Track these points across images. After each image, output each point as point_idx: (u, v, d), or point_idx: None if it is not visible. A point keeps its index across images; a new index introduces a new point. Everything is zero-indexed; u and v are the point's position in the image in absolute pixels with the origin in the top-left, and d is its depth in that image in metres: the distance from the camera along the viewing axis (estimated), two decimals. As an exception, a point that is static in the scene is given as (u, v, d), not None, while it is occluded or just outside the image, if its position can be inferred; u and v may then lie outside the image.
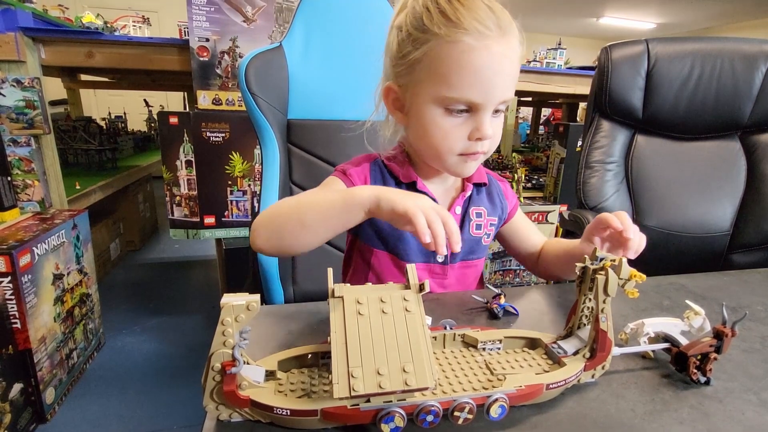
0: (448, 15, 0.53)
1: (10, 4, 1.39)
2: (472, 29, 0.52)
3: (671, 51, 1.19)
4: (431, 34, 0.54)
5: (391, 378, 0.32)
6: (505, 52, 0.54)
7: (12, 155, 1.41)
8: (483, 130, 0.56)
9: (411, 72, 0.58)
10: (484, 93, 0.54)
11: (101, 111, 3.86)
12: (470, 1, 0.53)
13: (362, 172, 0.65)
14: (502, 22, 0.54)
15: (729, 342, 0.45)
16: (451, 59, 0.53)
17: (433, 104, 0.56)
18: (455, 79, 0.53)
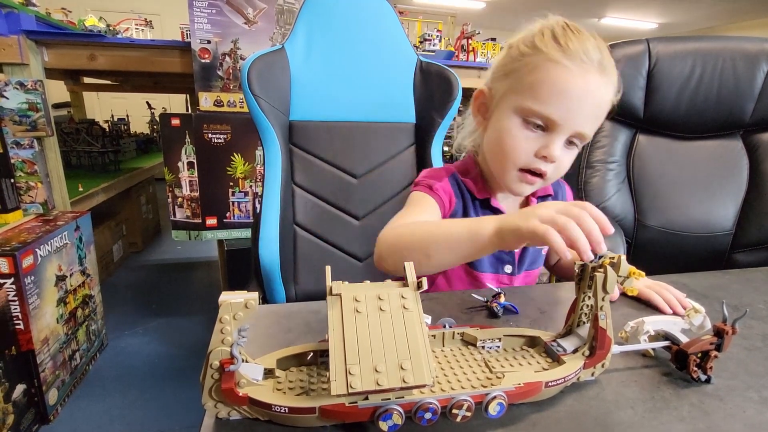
0: (558, 39, 0.57)
1: (13, 8, 1.40)
2: (574, 56, 0.55)
3: (672, 50, 1.19)
4: (537, 50, 0.57)
5: (389, 375, 0.32)
6: (597, 89, 0.56)
7: (15, 157, 1.42)
8: (551, 150, 0.58)
9: (505, 79, 0.61)
10: (564, 115, 0.56)
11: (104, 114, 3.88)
12: (582, 37, 0.57)
13: (446, 187, 0.67)
14: (605, 63, 0.56)
15: (730, 340, 0.44)
16: (545, 74, 0.56)
17: (514, 113, 0.59)
18: (542, 92, 0.57)
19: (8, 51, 1.38)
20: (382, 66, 1.03)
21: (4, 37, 1.38)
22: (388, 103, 1.05)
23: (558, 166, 0.60)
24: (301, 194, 1.00)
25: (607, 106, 0.59)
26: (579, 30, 0.58)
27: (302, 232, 1.00)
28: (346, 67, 1.01)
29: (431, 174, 0.70)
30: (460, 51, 2.53)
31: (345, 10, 0.99)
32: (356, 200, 1.03)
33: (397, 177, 1.06)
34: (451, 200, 0.67)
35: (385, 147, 1.06)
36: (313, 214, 1.01)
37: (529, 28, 0.62)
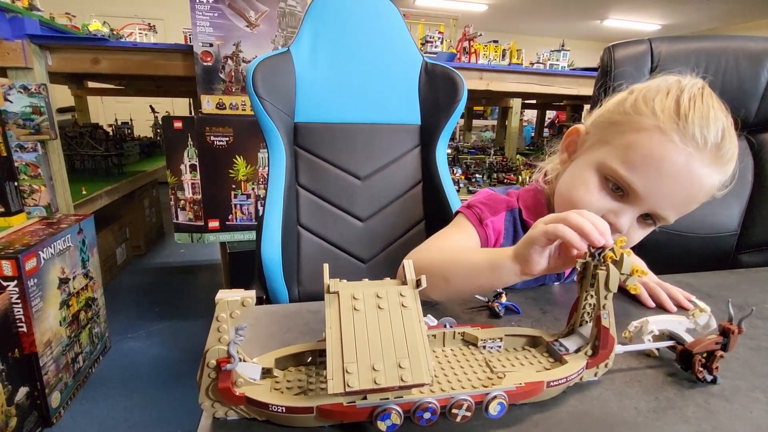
0: (679, 108, 0.50)
1: (17, 12, 1.41)
2: (686, 132, 0.49)
3: (675, 50, 1.18)
4: (651, 111, 0.52)
5: (387, 374, 0.32)
6: (699, 175, 0.50)
7: (19, 161, 1.43)
8: (620, 218, 0.53)
9: (605, 128, 0.56)
10: (648, 187, 0.51)
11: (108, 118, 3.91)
12: (709, 113, 0.50)
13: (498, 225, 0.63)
14: (723, 150, 0.50)
15: (736, 339, 0.43)
16: (646, 141, 0.51)
17: (597, 167, 0.55)
18: (635, 157, 0.51)
19: (12, 55, 1.39)
20: (387, 67, 1.03)
21: (8, 41, 1.39)
22: (393, 105, 1.05)
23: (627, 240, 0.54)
24: (305, 196, 1.00)
25: (703, 197, 0.53)
26: (709, 104, 0.52)
27: (306, 233, 1.00)
28: (351, 69, 1.01)
29: (489, 202, 0.65)
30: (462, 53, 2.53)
31: (350, 13, 1.00)
32: (360, 202, 1.03)
33: (401, 178, 1.06)
34: (498, 239, 0.63)
35: (390, 148, 1.06)
36: (317, 215, 1.00)
37: (662, 83, 0.55)
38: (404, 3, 5.96)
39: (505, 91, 2.24)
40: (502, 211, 0.64)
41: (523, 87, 2.16)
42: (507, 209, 0.64)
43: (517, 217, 0.65)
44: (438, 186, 1.01)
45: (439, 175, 1.02)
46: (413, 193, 1.06)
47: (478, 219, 0.62)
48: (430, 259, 0.56)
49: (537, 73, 2.22)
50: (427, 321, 0.47)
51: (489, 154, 2.93)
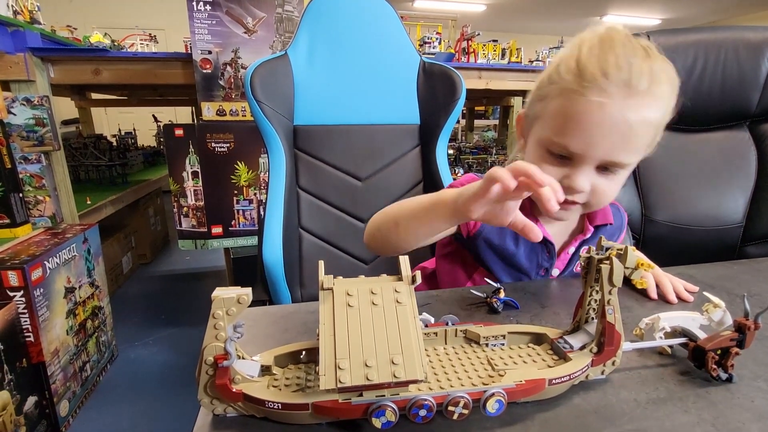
0: (579, 63, 0.52)
1: (19, 26, 1.43)
2: (593, 82, 0.51)
3: (673, 43, 1.18)
4: (561, 77, 0.54)
5: (380, 370, 0.31)
6: (625, 114, 0.51)
7: (23, 172, 1.44)
8: (574, 181, 0.55)
9: (535, 105, 0.60)
10: (585, 146, 0.53)
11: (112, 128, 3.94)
12: (608, 55, 0.51)
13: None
14: (634, 82, 0.50)
15: (753, 336, 0.42)
16: (565, 107, 0.53)
17: (539, 142, 0.57)
18: (561, 125, 0.54)
19: (15, 68, 1.41)
20: (385, 68, 1.04)
21: (11, 54, 1.41)
22: (391, 105, 1.05)
23: (596, 194, 0.56)
24: (306, 198, 1.00)
25: (647, 128, 0.53)
26: (611, 44, 0.52)
27: (308, 235, 1.00)
28: (349, 71, 1.01)
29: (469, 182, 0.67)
30: (460, 53, 2.53)
31: (347, 14, 1.00)
32: (361, 203, 1.03)
33: (402, 179, 1.06)
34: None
35: (390, 149, 1.06)
36: (318, 217, 1.01)
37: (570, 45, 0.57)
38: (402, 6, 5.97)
39: (506, 90, 2.24)
40: None
41: (523, 85, 2.16)
42: None
43: None
44: (439, 185, 1.01)
45: (440, 174, 1.02)
46: (414, 193, 1.06)
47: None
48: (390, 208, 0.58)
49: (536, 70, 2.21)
50: (427, 318, 0.47)
51: (491, 154, 2.92)
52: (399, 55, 1.04)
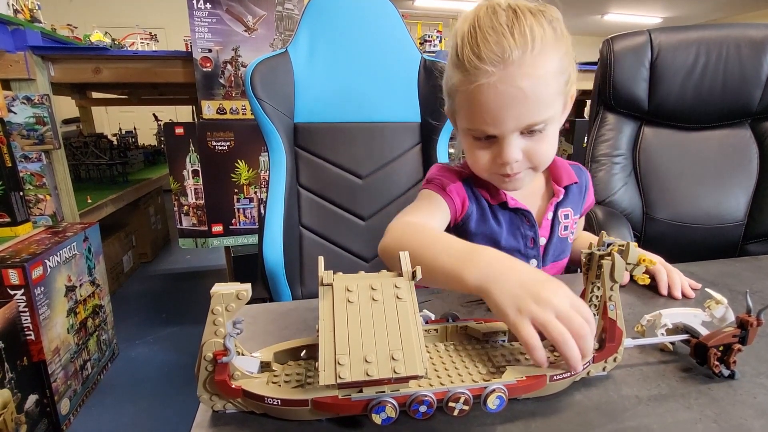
0: (459, 55, 0.56)
1: (19, 24, 1.43)
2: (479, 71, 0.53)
3: (675, 40, 1.18)
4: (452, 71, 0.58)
5: (379, 366, 0.31)
6: (515, 82, 0.53)
7: (24, 171, 1.44)
8: (502, 155, 0.57)
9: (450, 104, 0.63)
10: (495, 123, 0.56)
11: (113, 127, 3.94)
12: (479, 37, 0.54)
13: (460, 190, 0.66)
14: (507, 53, 0.52)
15: (755, 332, 0.42)
16: (466, 98, 0.57)
17: (464, 133, 0.62)
18: (470, 113, 0.57)
19: (15, 67, 1.41)
20: (385, 66, 1.03)
21: (11, 53, 1.41)
22: (392, 103, 1.05)
23: (533, 156, 0.59)
24: (306, 196, 1.00)
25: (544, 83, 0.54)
26: (481, 27, 0.54)
27: (308, 233, 1.00)
28: (349, 68, 1.01)
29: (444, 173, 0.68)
30: (461, 52, 2.53)
31: (347, 11, 1.00)
32: (362, 201, 1.03)
33: (403, 177, 1.05)
34: (464, 203, 0.66)
35: (391, 147, 1.05)
36: (318, 215, 1.01)
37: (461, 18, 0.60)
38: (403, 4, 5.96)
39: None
40: (458, 179, 0.67)
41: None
42: (461, 178, 0.68)
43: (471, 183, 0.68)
44: (438, 183, 1.01)
45: (440, 172, 1.02)
46: (415, 191, 1.06)
47: (441, 188, 0.65)
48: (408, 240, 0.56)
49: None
50: (427, 315, 0.47)
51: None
52: (400, 53, 1.04)
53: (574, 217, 0.70)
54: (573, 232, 0.72)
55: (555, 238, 0.69)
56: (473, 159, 0.62)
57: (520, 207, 0.66)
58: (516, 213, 0.66)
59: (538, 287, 0.39)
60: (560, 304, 0.38)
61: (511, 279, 0.41)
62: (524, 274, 0.41)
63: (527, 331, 0.37)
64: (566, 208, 0.69)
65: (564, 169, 0.70)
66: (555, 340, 0.37)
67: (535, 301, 0.38)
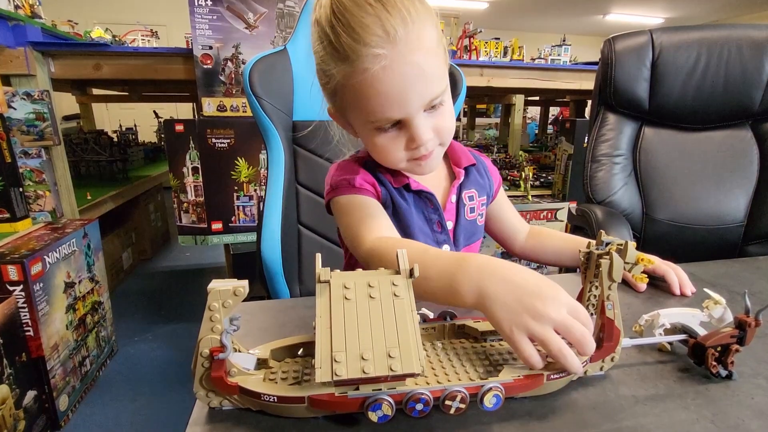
0: (337, 49, 0.51)
1: (19, 20, 1.42)
2: (362, 56, 0.50)
3: (676, 40, 1.17)
4: (331, 68, 0.53)
5: (376, 363, 0.31)
6: (407, 60, 0.50)
7: (23, 167, 1.44)
8: (417, 138, 0.55)
9: (335, 100, 0.59)
10: (401, 109, 0.53)
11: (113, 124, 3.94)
12: (352, 21, 0.50)
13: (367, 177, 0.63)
14: (390, 29, 0.49)
15: (753, 332, 0.41)
16: (357, 91, 0.53)
17: (364, 126, 0.57)
18: (367, 105, 0.53)
19: (15, 62, 1.41)
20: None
21: (11, 49, 1.40)
22: (391, 101, 1.05)
23: (440, 132, 0.57)
24: (305, 194, 1.00)
25: (432, 53, 0.53)
26: (345, 12, 0.51)
27: (307, 231, 0.99)
28: (348, 66, 1.01)
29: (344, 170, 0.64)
30: (462, 51, 2.53)
31: (346, 10, 1.00)
32: (360, 199, 1.03)
33: (400, 175, 1.05)
34: (376, 188, 0.62)
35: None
36: (317, 213, 1.00)
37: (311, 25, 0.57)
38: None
39: (507, 88, 2.24)
40: (359, 168, 0.63)
41: (524, 83, 2.16)
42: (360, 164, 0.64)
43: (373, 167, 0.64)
44: (438, 182, 1.01)
45: (439, 171, 1.02)
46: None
47: (351, 186, 0.61)
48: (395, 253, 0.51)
49: (538, 68, 2.21)
50: (425, 314, 0.47)
51: (492, 152, 2.91)
52: (399, 51, 1.04)
53: (480, 198, 0.69)
54: (481, 214, 0.70)
55: (462, 221, 0.67)
56: (382, 152, 0.58)
57: (423, 189, 0.64)
58: (419, 196, 0.64)
59: (533, 300, 0.37)
60: (557, 315, 0.37)
61: (506, 292, 0.39)
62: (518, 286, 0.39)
63: (526, 351, 0.37)
64: (470, 190, 0.68)
65: (461, 151, 0.68)
66: (554, 356, 0.37)
67: (532, 316, 0.37)
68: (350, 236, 0.58)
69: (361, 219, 0.58)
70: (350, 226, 0.59)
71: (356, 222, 0.58)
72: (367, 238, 0.55)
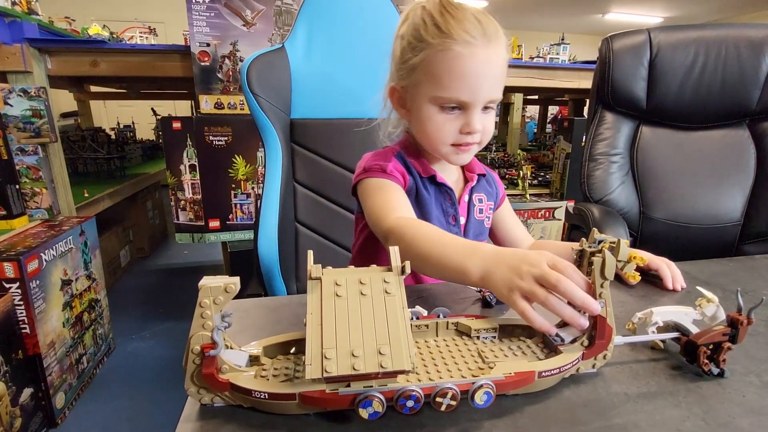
0: (440, 27, 0.60)
1: (16, 16, 1.42)
2: (460, 39, 0.59)
3: (674, 39, 1.17)
4: (426, 43, 0.61)
5: (366, 360, 0.31)
6: (490, 58, 0.60)
7: (20, 164, 1.44)
8: (472, 125, 0.63)
9: (411, 75, 0.65)
10: (472, 94, 0.61)
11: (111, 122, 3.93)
12: (460, 14, 0.60)
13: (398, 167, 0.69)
14: (488, 32, 0.60)
15: (745, 331, 0.42)
16: (443, 65, 0.60)
17: (429, 102, 0.64)
18: (446, 82, 0.61)
19: (12, 59, 1.41)
20: (383, 62, 1.03)
21: (8, 45, 1.40)
22: (390, 100, 1.05)
23: (484, 132, 0.65)
24: (302, 192, 1.00)
25: (504, 67, 0.63)
26: (456, 7, 0.61)
27: (304, 229, 0.99)
28: (346, 64, 1.01)
29: (378, 157, 0.70)
30: (461, 49, 2.52)
31: (345, 8, 0.99)
32: (358, 198, 1.03)
33: (399, 174, 1.05)
34: (404, 178, 0.69)
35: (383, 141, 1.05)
36: (314, 211, 1.00)
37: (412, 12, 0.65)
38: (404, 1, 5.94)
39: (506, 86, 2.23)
40: (392, 157, 0.70)
41: (523, 81, 2.15)
42: (394, 154, 0.71)
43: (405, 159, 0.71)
44: (435, 180, 1.01)
45: (437, 169, 1.02)
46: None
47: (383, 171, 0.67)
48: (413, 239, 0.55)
49: (536, 66, 2.21)
50: (418, 311, 0.47)
51: (491, 150, 2.91)
52: (397, 49, 1.04)
53: (488, 203, 0.77)
54: (489, 217, 0.78)
55: (472, 219, 0.75)
56: (436, 129, 0.64)
57: (445, 183, 0.71)
58: (440, 189, 0.72)
59: (519, 263, 0.42)
60: (537, 270, 0.40)
61: (503, 265, 0.44)
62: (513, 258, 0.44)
63: (519, 306, 0.40)
64: (480, 194, 0.76)
65: (475, 161, 0.77)
66: (543, 304, 0.40)
67: (517, 275, 0.41)
68: (374, 214, 0.64)
69: (387, 200, 0.65)
70: (375, 204, 0.65)
71: (381, 202, 0.65)
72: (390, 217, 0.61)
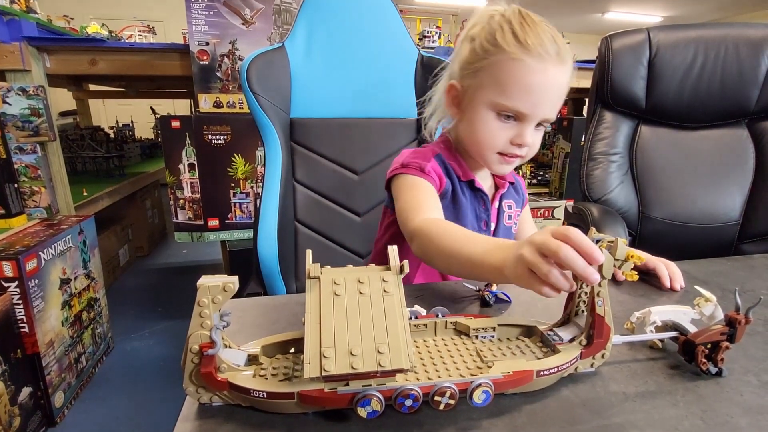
0: (518, 36, 0.61)
1: (14, 15, 1.42)
2: (535, 52, 0.60)
3: (673, 39, 1.17)
4: (500, 48, 0.61)
5: (365, 359, 0.31)
6: (558, 78, 0.62)
7: (18, 163, 1.43)
8: (524, 137, 0.64)
9: (474, 76, 0.65)
10: (532, 107, 0.62)
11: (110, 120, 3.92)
12: (539, 29, 0.61)
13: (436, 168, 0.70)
14: (562, 53, 0.61)
15: (743, 330, 0.42)
16: (512, 73, 0.61)
17: (487, 107, 0.64)
18: (511, 90, 0.62)
19: (10, 58, 1.40)
20: (382, 61, 1.03)
21: (6, 44, 1.40)
22: (389, 99, 1.05)
23: (531, 148, 0.66)
24: (302, 191, 1.00)
25: (566, 90, 0.65)
26: (534, 22, 0.63)
27: (303, 228, 0.99)
28: (346, 64, 1.01)
29: (418, 155, 0.71)
30: (460, 48, 2.52)
31: (345, 7, 0.99)
32: (357, 196, 1.03)
33: (398, 173, 1.05)
34: (441, 180, 0.69)
35: (387, 143, 1.05)
36: (314, 210, 1.00)
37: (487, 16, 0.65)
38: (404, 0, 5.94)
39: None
40: (431, 158, 0.70)
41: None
42: (434, 155, 0.71)
43: (445, 161, 0.72)
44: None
45: (436, 169, 1.02)
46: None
47: (421, 170, 0.68)
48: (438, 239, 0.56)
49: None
50: (417, 310, 0.47)
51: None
52: (397, 49, 1.04)
53: (516, 209, 0.79)
54: (516, 223, 0.80)
55: (501, 225, 0.77)
56: (488, 134, 0.65)
57: (482, 188, 0.73)
58: (476, 194, 0.73)
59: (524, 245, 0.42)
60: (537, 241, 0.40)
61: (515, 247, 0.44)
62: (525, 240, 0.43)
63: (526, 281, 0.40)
64: (509, 200, 0.78)
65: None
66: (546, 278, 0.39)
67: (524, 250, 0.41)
68: (405, 210, 0.64)
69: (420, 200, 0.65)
70: (408, 201, 0.66)
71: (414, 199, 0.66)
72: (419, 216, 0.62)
